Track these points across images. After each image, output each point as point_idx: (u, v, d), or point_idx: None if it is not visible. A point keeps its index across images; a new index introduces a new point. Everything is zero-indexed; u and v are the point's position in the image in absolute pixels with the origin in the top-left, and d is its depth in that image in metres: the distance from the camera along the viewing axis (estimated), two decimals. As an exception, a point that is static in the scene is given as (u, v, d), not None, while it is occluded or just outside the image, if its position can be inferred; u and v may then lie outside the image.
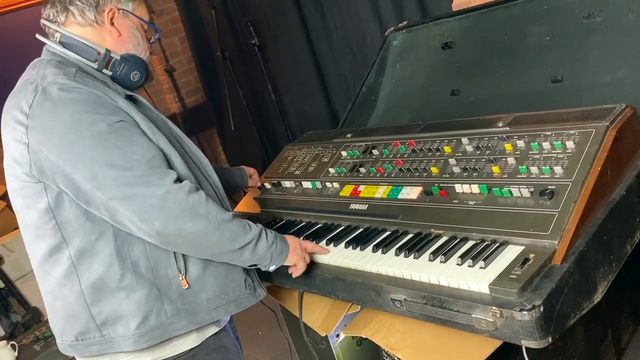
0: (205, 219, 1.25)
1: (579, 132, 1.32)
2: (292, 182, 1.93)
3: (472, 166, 1.45)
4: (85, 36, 1.35)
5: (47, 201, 1.26)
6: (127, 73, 1.37)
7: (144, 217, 1.20)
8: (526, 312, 1.02)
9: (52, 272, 1.31)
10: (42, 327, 3.07)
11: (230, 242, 1.30)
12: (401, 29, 2.39)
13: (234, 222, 1.31)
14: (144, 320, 1.29)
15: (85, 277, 1.28)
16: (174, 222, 1.21)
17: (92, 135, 1.20)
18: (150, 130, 1.30)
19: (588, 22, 1.80)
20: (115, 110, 1.25)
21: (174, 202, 1.22)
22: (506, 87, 1.95)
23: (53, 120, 1.21)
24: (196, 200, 1.25)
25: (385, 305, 1.32)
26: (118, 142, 1.21)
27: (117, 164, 1.20)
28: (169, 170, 1.26)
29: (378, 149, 1.77)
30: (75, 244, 1.27)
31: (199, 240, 1.26)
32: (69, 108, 1.21)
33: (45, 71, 1.26)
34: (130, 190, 1.20)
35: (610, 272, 1.21)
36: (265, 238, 1.37)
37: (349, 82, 3.44)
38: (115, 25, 1.37)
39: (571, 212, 1.17)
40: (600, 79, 1.72)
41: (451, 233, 1.35)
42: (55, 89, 1.22)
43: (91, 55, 1.34)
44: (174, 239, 1.24)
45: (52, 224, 1.27)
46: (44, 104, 1.22)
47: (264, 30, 3.74)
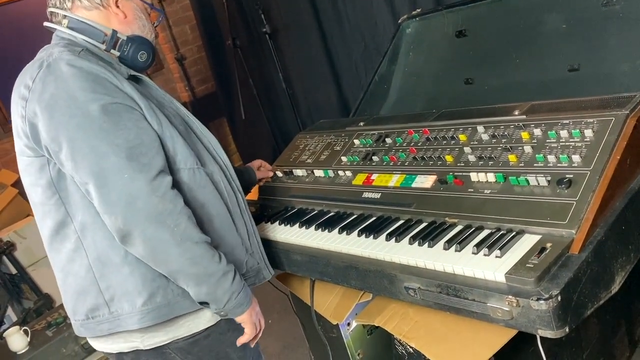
0: (170, 230, 1.20)
1: (598, 121, 1.30)
2: (304, 170, 1.92)
3: (488, 155, 1.43)
4: (92, 19, 1.37)
5: (50, 175, 1.27)
6: (135, 53, 1.39)
7: (108, 209, 1.19)
8: (543, 301, 1.01)
9: (62, 249, 1.32)
10: (54, 313, 3.10)
11: (189, 264, 1.24)
12: (414, 17, 2.36)
13: (202, 246, 1.25)
14: (151, 297, 1.29)
15: (91, 250, 1.28)
16: (135, 222, 1.18)
17: (81, 114, 1.20)
18: (151, 113, 1.28)
19: (606, 9, 1.77)
20: (113, 91, 1.24)
21: (142, 201, 1.18)
22: (521, 76, 1.92)
23: (49, 94, 1.22)
24: (166, 207, 1.20)
25: (398, 294, 1.31)
26: (103, 124, 1.20)
27: (95, 147, 1.19)
28: (151, 164, 1.22)
29: (391, 137, 1.75)
30: (78, 218, 1.28)
31: (157, 250, 1.22)
32: (67, 84, 1.21)
33: (53, 50, 1.28)
34: (103, 178, 1.19)
35: (628, 263, 1.19)
36: (231, 280, 1.30)
37: (360, 71, 3.41)
38: (120, 7, 1.40)
39: (589, 202, 1.15)
40: (618, 67, 1.69)
41: (466, 222, 1.34)
42: (59, 64, 1.23)
43: (99, 37, 1.36)
44: (131, 240, 1.21)
45: (55, 199, 1.28)
46: (46, 78, 1.23)
47: (275, 18, 3.71)
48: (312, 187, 1.85)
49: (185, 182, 1.31)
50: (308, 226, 1.65)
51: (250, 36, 3.97)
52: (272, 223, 1.78)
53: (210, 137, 1.46)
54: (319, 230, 1.61)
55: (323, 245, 1.53)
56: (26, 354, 2.71)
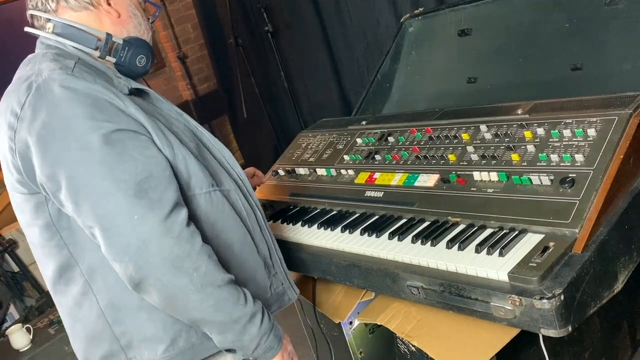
0: (188, 275, 1.06)
1: (601, 120, 1.30)
2: (306, 169, 1.93)
3: (491, 154, 1.43)
4: (81, 21, 1.20)
5: (49, 214, 1.12)
6: (133, 58, 1.23)
7: (118, 256, 1.04)
8: (546, 300, 1.01)
9: (68, 292, 1.18)
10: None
11: (212, 311, 1.10)
12: (417, 16, 2.36)
13: (225, 289, 1.10)
14: (173, 343, 1.16)
15: (102, 295, 1.15)
16: (149, 270, 1.04)
17: (79, 147, 1.04)
18: (159, 135, 1.13)
19: (609, 8, 1.77)
20: (114, 115, 1.08)
21: (156, 245, 1.03)
22: (524, 75, 1.92)
23: (40, 122, 1.05)
24: (184, 250, 1.05)
25: (401, 292, 1.31)
26: (106, 158, 1.04)
27: (98, 186, 1.03)
28: (162, 200, 1.06)
29: (394, 136, 1.75)
30: (85, 260, 1.14)
31: (175, 298, 1.07)
32: (61, 110, 1.05)
33: (41, 66, 1.11)
34: (108, 221, 1.03)
35: (631, 262, 1.19)
36: (259, 323, 1.15)
37: (362, 70, 3.41)
38: (112, 6, 1.23)
39: (592, 201, 1.15)
40: (621, 66, 1.69)
41: (469, 221, 1.34)
42: (50, 87, 1.07)
43: (91, 43, 1.19)
44: (145, 289, 1.07)
45: (56, 240, 1.14)
46: (37, 104, 1.07)
47: (277, 16, 3.71)
48: (314, 185, 1.85)
49: (201, 209, 1.17)
50: (310, 225, 1.66)
51: (252, 35, 3.97)
52: (275, 222, 1.78)
53: (223, 150, 1.31)
54: (321, 229, 1.61)
55: (325, 243, 1.53)
56: (28, 352, 2.72)
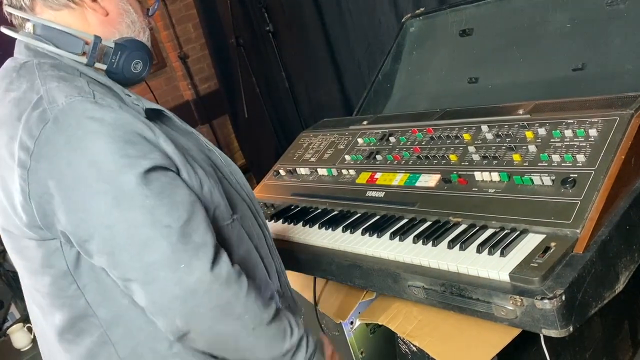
0: (240, 320, 0.98)
1: (602, 120, 1.30)
2: (307, 169, 1.93)
3: (492, 154, 1.43)
4: (62, 22, 1.02)
5: (65, 262, 0.99)
6: (127, 64, 1.05)
7: (162, 310, 0.94)
8: (547, 300, 1.01)
9: (80, 342, 1.04)
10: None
11: (264, 350, 1.03)
12: (418, 16, 2.36)
13: (274, 324, 1.03)
14: None
15: (122, 346, 1.02)
16: (199, 321, 0.95)
17: (114, 189, 0.91)
18: (188, 169, 1.00)
19: (611, 9, 1.77)
20: (148, 150, 0.94)
21: (206, 295, 0.94)
22: (525, 75, 1.92)
23: (65, 163, 0.91)
24: (233, 294, 0.97)
25: (402, 293, 1.31)
26: (146, 201, 0.92)
27: (139, 234, 0.91)
28: (206, 242, 0.96)
29: (395, 136, 1.75)
30: (105, 309, 1.01)
31: (226, 343, 1.00)
32: (88, 147, 0.91)
33: (48, 87, 0.95)
34: (153, 272, 0.92)
35: (632, 262, 1.19)
36: (305, 348, 1.08)
37: (364, 70, 3.40)
38: (99, 2, 1.04)
39: (594, 201, 1.15)
40: (623, 67, 1.69)
41: (470, 221, 1.34)
42: (70, 119, 0.91)
43: (76, 47, 1.01)
44: (194, 337, 0.97)
45: (72, 290, 1.00)
46: (56, 140, 0.91)
47: (279, 16, 3.71)
48: (315, 185, 1.85)
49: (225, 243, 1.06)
50: (311, 225, 1.66)
51: (254, 35, 3.97)
52: (276, 222, 1.78)
53: (233, 167, 1.18)
54: (322, 229, 1.61)
55: (326, 244, 1.53)
56: (30, 351, 2.72)
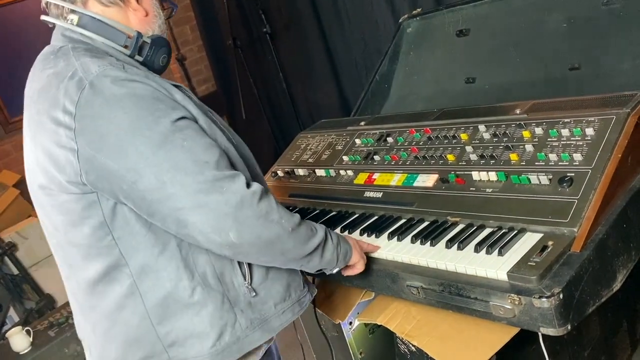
0: (280, 224, 1.13)
1: (599, 119, 1.30)
2: (305, 170, 1.93)
3: (489, 153, 1.43)
4: (110, 17, 1.18)
5: (102, 214, 1.11)
6: (156, 57, 1.23)
7: (218, 227, 1.07)
8: (545, 299, 1.02)
9: (109, 293, 1.16)
10: (56, 313, 3.10)
11: (302, 247, 1.19)
12: (415, 16, 2.37)
13: (302, 225, 1.20)
14: (220, 337, 1.18)
15: (150, 295, 1.15)
16: (250, 231, 1.09)
17: (156, 135, 1.05)
18: (207, 125, 1.16)
19: (607, 8, 1.77)
20: (174, 105, 1.10)
21: (249, 208, 1.08)
22: (522, 75, 1.93)
23: (106, 120, 1.05)
24: (268, 205, 1.12)
25: (400, 292, 1.31)
26: (184, 143, 1.06)
27: (186, 168, 1.05)
28: (238, 173, 1.11)
29: (393, 136, 1.76)
30: (136, 260, 1.14)
31: (274, 248, 1.14)
32: (125, 105, 1.05)
33: (83, 61, 1.09)
34: (203, 197, 1.05)
35: (629, 261, 1.20)
36: (331, 240, 1.26)
37: (361, 71, 3.41)
38: (140, 4, 1.23)
39: (591, 200, 1.16)
40: (619, 66, 1.69)
41: (468, 221, 1.34)
42: (106, 83, 1.06)
43: (120, 39, 1.17)
44: (247, 249, 1.12)
45: (107, 240, 1.13)
46: (95, 101, 1.05)
47: (276, 18, 3.72)
48: (313, 186, 1.85)
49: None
50: (310, 225, 1.66)
51: (251, 36, 3.98)
52: (274, 222, 1.78)
53: (246, 148, 1.32)
54: (320, 230, 1.61)
55: (325, 244, 1.53)
56: (28, 354, 2.72)
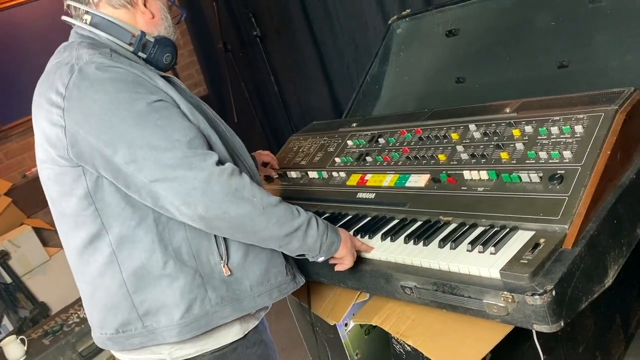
0: (250, 202, 1.20)
1: (588, 117, 1.31)
2: (298, 172, 1.93)
3: (480, 152, 1.44)
4: (119, 18, 1.32)
5: (86, 186, 1.23)
6: (160, 55, 1.35)
7: (186, 200, 1.16)
8: (538, 296, 1.02)
9: (92, 261, 1.28)
10: (50, 321, 3.09)
11: (277, 227, 1.25)
12: (404, 17, 2.38)
13: (281, 206, 1.26)
14: (188, 310, 1.26)
15: (127, 264, 1.25)
16: (217, 206, 1.17)
17: (132, 115, 1.16)
18: (189, 111, 1.26)
19: (594, 6, 1.79)
20: (154, 90, 1.22)
21: (217, 184, 1.17)
22: (512, 74, 1.94)
23: (90, 100, 1.17)
24: (239, 182, 1.20)
25: (395, 293, 1.32)
26: (158, 122, 1.17)
27: (158, 144, 1.16)
28: (211, 152, 1.21)
29: (384, 137, 1.76)
30: (115, 230, 1.25)
31: (244, 224, 1.21)
32: (106, 87, 1.17)
33: (79, 52, 1.23)
34: (172, 172, 1.15)
35: (620, 256, 1.21)
36: (316, 226, 1.31)
37: (352, 72, 3.42)
38: (148, 7, 1.35)
39: (581, 197, 1.17)
40: (607, 63, 1.71)
41: (460, 220, 1.35)
42: (92, 68, 1.19)
43: (126, 37, 1.31)
44: (218, 224, 1.20)
45: (91, 210, 1.24)
46: (81, 84, 1.18)
47: (266, 21, 3.72)
48: (306, 188, 1.86)
49: None
50: (303, 228, 1.66)
51: (241, 40, 3.98)
52: (268, 225, 1.78)
53: (237, 140, 1.43)
54: (314, 232, 1.61)
55: (319, 246, 1.53)
56: (23, 363, 2.70)
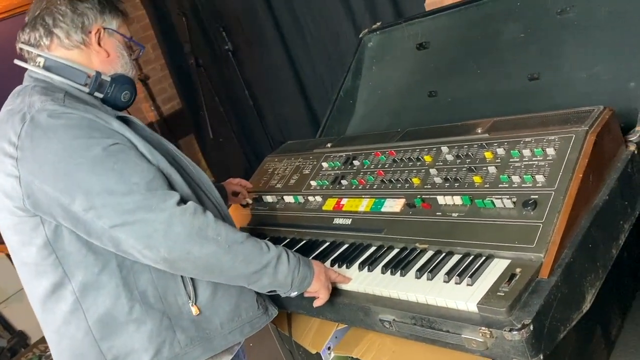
0: (214, 241, 1.18)
1: (559, 138, 1.31)
2: (273, 196, 1.90)
3: (453, 176, 1.43)
4: (72, 59, 1.29)
5: (45, 235, 1.21)
6: (118, 94, 1.33)
7: (148, 243, 1.14)
8: (516, 332, 1.01)
9: (56, 310, 1.25)
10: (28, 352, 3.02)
11: (244, 265, 1.22)
12: (375, 31, 2.36)
13: (247, 243, 1.24)
14: (157, 353, 1.24)
15: (92, 312, 1.23)
16: (180, 247, 1.15)
17: (87, 161, 1.14)
18: (147, 151, 1.24)
19: (561, 17, 1.79)
20: (109, 133, 1.19)
21: (179, 225, 1.15)
22: (483, 87, 1.93)
23: (44, 149, 1.15)
24: (202, 221, 1.18)
25: (374, 325, 1.30)
26: (114, 166, 1.15)
27: (115, 189, 1.14)
28: (171, 192, 1.19)
29: (359, 159, 1.74)
30: (78, 278, 1.22)
31: (210, 264, 1.19)
32: (60, 135, 1.15)
33: (32, 99, 1.21)
34: (131, 216, 1.14)
35: (597, 280, 1.20)
36: (286, 261, 1.28)
37: (327, 83, 3.40)
38: (102, 46, 1.32)
39: (555, 223, 1.16)
40: (577, 75, 1.71)
41: (436, 247, 1.33)
42: (44, 116, 1.16)
43: (80, 79, 1.28)
44: (182, 265, 1.18)
45: (52, 259, 1.22)
46: (34, 133, 1.16)
47: (238, 35, 3.68)
48: (282, 214, 1.83)
49: None
50: (280, 257, 1.63)
51: (214, 54, 3.93)
52: (244, 254, 1.75)
53: (202, 174, 1.41)
54: (291, 261, 1.58)
55: (296, 277, 1.51)
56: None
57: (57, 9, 1.29)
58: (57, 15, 1.28)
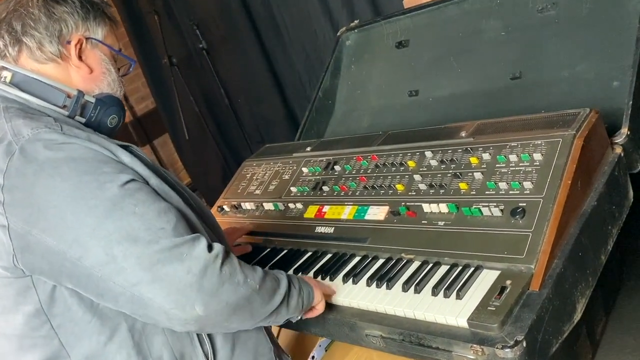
0: (246, 284, 1.02)
1: (545, 142, 1.28)
2: (252, 203, 1.84)
3: (438, 182, 1.39)
4: (46, 74, 1.07)
5: (38, 300, 0.99)
6: (104, 118, 1.11)
7: (181, 301, 0.94)
8: (509, 349, 0.97)
9: None
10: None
11: (270, 301, 1.09)
12: (353, 29, 2.31)
13: (267, 278, 1.10)
14: None
15: None
16: (217, 300, 0.98)
17: (102, 203, 0.93)
18: (160, 187, 1.05)
19: (542, 15, 1.77)
20: (121, 168, 0.99)
21: (214, 273, 0.97)
22: (465, 86, 1.90)
23: (43, 189, 0.93)
24: (232, 265, 1.02)
25: (360, 341, 1.25)
26: (136, 209, 0.95)
27: (139, 237, 0.93)
28: (198, 236, 1.01)
29: (340, 164, 1.69)
30: (79, 351, 1.02)
31: (243, 310, 1.03)
32: (63, 171, 0.93)
33: (14, 124, 0.98)
34: (161, 268, 0.93)
35: (587, 288, 1.18)
36: (293, 286, 1.16)
37: (305, 82, 3.34)
38: (83, 60, 1.11)
39: (545, 232, 1.12)
40: (559, 73, 1.69)
41: (422, 257, 1.29)
42: (39, 148, 0.94)
43: (58, 99, 1.05)
44: (214, 319, 1.00)
45: (45, 330, 1.01)
46: (27, 169, 0.93)
47: (212, 32, 3.59)
48: (262, 222, 1.77)
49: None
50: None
51: (188, 53, 3.83)
52: (224, 265, 1.69)
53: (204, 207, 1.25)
54: (272, 272, 1.53)
55: (278, 289, 1.46)
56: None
57: (28, 13, 1.06)
58: (28, 21, 1.06)
